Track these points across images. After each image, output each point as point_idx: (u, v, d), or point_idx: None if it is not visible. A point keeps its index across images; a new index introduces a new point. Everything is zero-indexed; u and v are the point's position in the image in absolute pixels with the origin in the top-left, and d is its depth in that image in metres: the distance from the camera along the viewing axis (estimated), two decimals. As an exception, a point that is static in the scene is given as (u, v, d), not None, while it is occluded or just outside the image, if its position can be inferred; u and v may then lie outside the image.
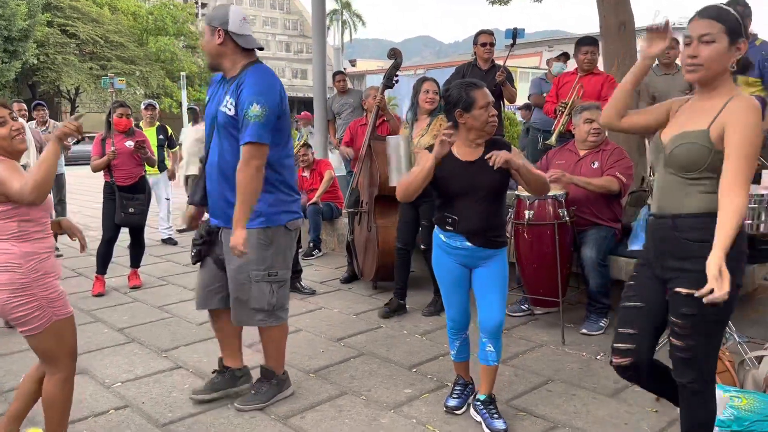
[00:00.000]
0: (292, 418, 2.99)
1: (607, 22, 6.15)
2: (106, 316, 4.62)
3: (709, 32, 2.02)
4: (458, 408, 3.00)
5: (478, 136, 2.80)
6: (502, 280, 2.84)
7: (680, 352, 2.16)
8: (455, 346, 3.03)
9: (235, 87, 2.88)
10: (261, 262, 2.97)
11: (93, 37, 31.87)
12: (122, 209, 5.24)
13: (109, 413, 3.07)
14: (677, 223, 2.12)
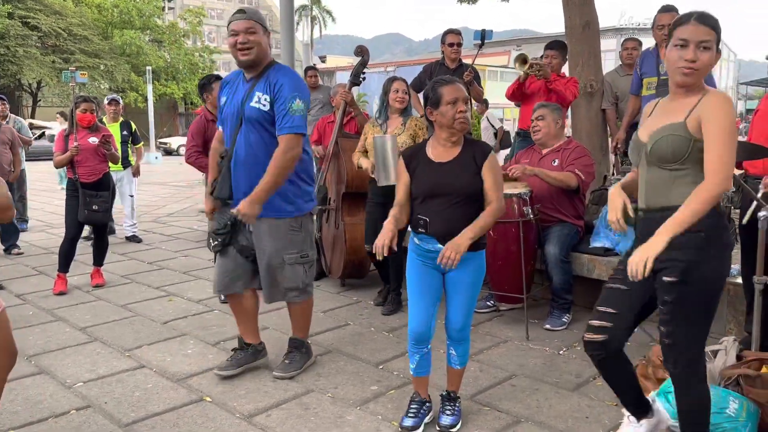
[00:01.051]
0: (257, 417, 2.98)
1: (571, 22, 6.24)
2: (68, 315, 4.53)
3: (708, 39, 2.11)
4: (414, 428, 2.81)
5: (449, 134, 2.72)
6: (471, 285, 2.76)
7: (665, 337, 2.23)
8: (415, 359, 2.84)
9: (267, 84, 3.14)
10: (294, 246, 3.31)
11: (56, 29, 31.12)
12: (86, 207, 5.14)
13: (70, 414, 3.02)
14: (666, 216, 2.13)
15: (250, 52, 3.12)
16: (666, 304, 2.19)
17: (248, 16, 3.14)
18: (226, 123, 3.30)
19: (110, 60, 32.44)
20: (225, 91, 3.33)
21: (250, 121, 3.17)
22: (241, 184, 3.21)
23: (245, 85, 3.22)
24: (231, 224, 3.26)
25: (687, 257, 2.12)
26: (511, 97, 5.56)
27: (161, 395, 3.20)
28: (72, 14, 32.35)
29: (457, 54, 5.55)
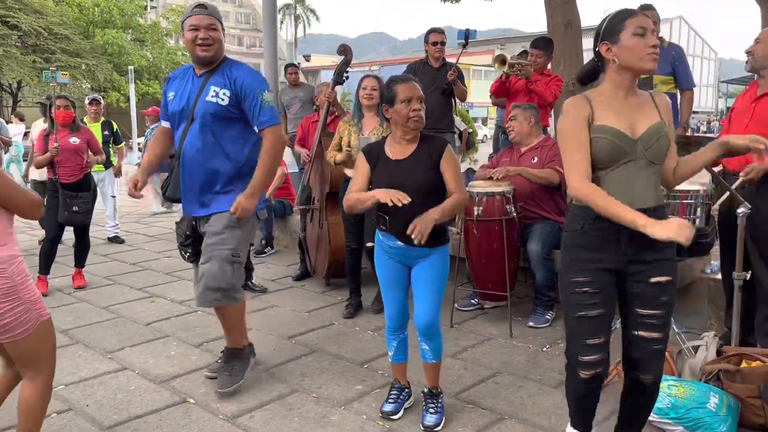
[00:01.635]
0: (241, 418, 2.96)
1: (554, 21, 6.28)
2: (49, 317, 4.48)
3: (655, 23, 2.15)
4: (394, 413, 2.92)
5: (403, 132, 2.74)
6: (435, 280, 2.76)
7: (657, 344, 2.16)
8: (392, 346, 2.96)
9: (225, 79, 3.06)
10: (228, 242, 3.11)
11: (36, 28, 30.67)
12: (66, 208, 5.07)
13: (51, 417, 2.98)
14: (657, 215, 2.06)
15: (210, 48, 3.04)
16: (664, 306, 2.15)
17: (210, 12, 3.06)
18: (174, 120, 3.19)
19: (92, 59, 32.08)
20: (173, 87, 3.20)
21: (205, 117, 3.05)
22: (194, 184, 3.11)
23: (197, 79, 3.12)
24: (191, 232, 3.20)
25: (670, 255, 2.12)
26: (495, 94, 5.58)
27: (144, 397, 3.18)
28: (52, 13, 31.93)
29: (440, 53, 5.55)
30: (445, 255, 2.80)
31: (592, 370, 2.20)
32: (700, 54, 63.31)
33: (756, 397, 2.74)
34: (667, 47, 4.71)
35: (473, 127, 15.16)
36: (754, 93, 3.29)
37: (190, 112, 3.08)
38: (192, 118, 3.07)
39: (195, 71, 3.15)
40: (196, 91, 3.08)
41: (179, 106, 3.13)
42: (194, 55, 3.07)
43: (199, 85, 3.09)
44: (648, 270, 2.13)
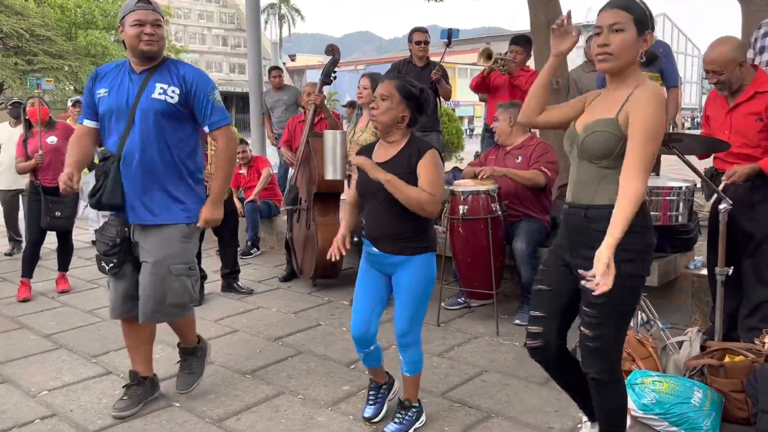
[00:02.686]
0: (227, 421, 2.95)
1: (536, 20, 6.29)
2: (32, 321, 4.44)
3: (617, 21, 2.04)
4: (375, 416, 2.87)
5: (377, 129, 2.71)
6: (411, 289, 2.64)
7: (590, 341, 2.15)
8: (361, 357, 2.84)
9: (172, 76, 2.92)
10: (183, 257, 2.98)
11: (17, 30, 30.35)
12: (48, 213, 4.97)
13: (34, 423, 2.95)
14: (589, 215, 2.15)
15: (155, 44, 2.89)
16: (594, 306, 2.11)
17: (154, 7, 2.94)
18: (108, 119, 2.94)
19: (75, 61, 31.79)
20: (104, 83, 2.96)
21: (150, 116, 2.87)
22: (137, 189, 2.91)
23: (136, 76, 2.92)
24: (121, 240, 2.97)
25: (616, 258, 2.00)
26: (475, 89, 5.60)
27: (129, 401, 3.15)
28: (34, 15, 31.60)
29: (423, 52, 5.56)
30: (425, 263, 2.66)
31: (531, 341, 2.36)
32: (684, 51, 63.87)
33: (739, 391, 2.77)
34: (654, 44, 4.74)
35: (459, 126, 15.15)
36: (725, 101, 3.30)
37: (130, 111, 2.89)
38: (132, 117, 2.89)
39: (132, 68, 2.95)
40: (136, 89, 2.89)
41: (115, 104, 2.91)
42: (138, 50, 2.88)
43: (139, 82, 2.90)
44: (585, 268, 2.05)
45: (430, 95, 2.77)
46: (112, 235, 2.99)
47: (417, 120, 2.70)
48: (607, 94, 2.20)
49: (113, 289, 3.05)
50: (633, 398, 2.79)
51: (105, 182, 2.91)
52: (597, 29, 2.09)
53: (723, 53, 3.16)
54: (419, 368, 2.79)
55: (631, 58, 2.09)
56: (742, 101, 3.21)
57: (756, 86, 3.18)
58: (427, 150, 2.62)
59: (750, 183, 3.22)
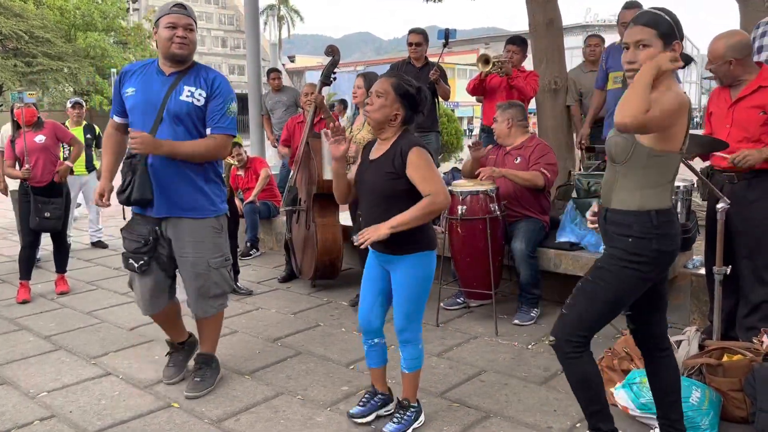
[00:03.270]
0: (226, 421, 2.95)
1: (535, 20, 6.30)
2: (31, 323, 4.44)
3: (643, 38, 2.15)
4: (358, 416, 2.87)
5: (371, 126, 2.75)
6: (406, 287, 2.67)
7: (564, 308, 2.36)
8: (365, 349, 2.90)
9: (200, 79, 3.08)
10: (218, 249, 3.21)
11: (17, 32, 30.35)
12: (37, 213, 4.91)
13: (33, 424, 2.95)
14: (608, 217, 2.33)
15: (186, 47, 3.04)
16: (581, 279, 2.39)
17: (188, 12, 3.08)
18: (135, 116, 3.08)
19: (74, 63, 31.78)
20: (132, 82, 3.10)
21: (178, 116, 3.03)
22: (168, 184, 3.06)
23: (165, 78, 3.07)
24: (153, 238, 3.10)
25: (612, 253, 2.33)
26: (472, 92, 5.61)
27: (128, 402, 3.15)
28: (33, 17, 31.60)
29: (418, 53, 5.57)
30: (420, 262, 2.66)
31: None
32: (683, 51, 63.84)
33: (738, 390, 2.77)
34: None
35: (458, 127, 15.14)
36: (728, 96, 3.31)
37: (158, 110, 3.02)
38: (161, 116, 3.02)
39: (162, 69, 3.09)
40: (165, 89, 3.03)
41: (143, 102, 3.04)
42: (169, 52, 3.03)
43: (169, 83, 3.05)
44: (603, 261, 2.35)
45: (428, 94, 2.77)
46: (144, 233, 3.11)
47: (412, 118, 2.70)
48: None
49: (141, 286, 3.20)
50: (631, 398, 2.79)
51: (134, 178, 3.03)
52: (625, 45, 2.21)
53: (716, 47, 3.22)
54: (418, 365, 2.79)
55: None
56: (746, 95, 3.20)
57: (760, 80, 3.17)
58: (409, 150, 2.58)
59: (746, 181, 3.22)
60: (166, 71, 3.09)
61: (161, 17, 3.06)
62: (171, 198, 3.07)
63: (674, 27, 2.16)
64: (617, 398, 2.87)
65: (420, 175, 2.56)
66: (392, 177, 2.59)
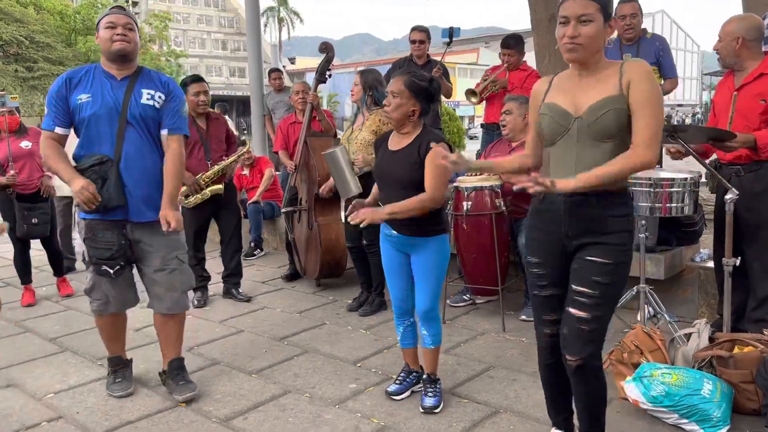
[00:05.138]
0: (234, 420, 2.94)
1: (537, 16, 6.25)
2: (36, 326, 4.43)
3: (586, 13, 2.04)
4: (397, 393, 3.07)
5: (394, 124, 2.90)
6: (431, 268, 2.86)
7: (582, 323, 2.13)
8: (399, 331, 3.09)
9: (156, 82, 3.12)
10: (182, 245, 3.26)
11: (17, 37, 30.46)
12: (24, 221, 4.81)
13: (41, 425, 2.94)
14: (599, 200, 2.11)
15: (127, 43, 3.01)
16: (597, 285, 2.11)
17: (128, 13, 3.11)
18: (94, 124, 3.01)
19: (75, 67, 31.92)
20: (84, 88, 3.02)
21: (144, 120, 3.05)
22: (137, 188, 3.05)
23: (118, 82, 3.05)
24: (124, 242, 3.07)
25: (618, 241, 2.11)
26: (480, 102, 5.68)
27: (135, 403, 3.14)
28: (34, 22, 31.71)
29: (420, 51, 5.56)
30: (442, 244, 2.87)
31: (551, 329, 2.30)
32: (683, 47, 63.83)
33: (749, 382, 2.75)
34: (650, 38, 4.74)
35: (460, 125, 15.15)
36: (732, 84, 3.29)
37: (121, 115, 3.01)
38: (124, 121, 3.01)
39: (112, 74, 3.06)
40: (121, 94, 3.02)
41: (103, 109, 3.00)
42: (111, 50, 3.01)
43: (123, 87, 3.04)
44: (588, 249, 2.14)
45: (440, 83, 2.86)
46: (112, 239, 3.05)
47: (429, 110, 2.88)
48: (585, 82, 2.15)
49: (111, 288, 3.18)
50: (642, 391, 2.77)
51: (107, 185, 2.98)
52: (563, 18, 2.07)
53: (727, 24, 3.23)
54: (440, 341, 3.00)
55: (599, 47, 2.10)
56: (748, 82, 3.19)
57: (762, 68, 3.16)
58: (438, 142, 2.76)
59: (753, 174, 3.20)
60: (117, 75, 3.06)
61: (100, 20, 3.06)
62: (144, 202, 3.07)
63: (611, 3, 2.12)
64: (628, 392, 2.84)
65: (432, 172, 2.75)
66: (419, 167, 2.78)
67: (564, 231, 2.19)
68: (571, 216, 2.16)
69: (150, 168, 3.09)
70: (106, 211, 3.01)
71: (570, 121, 2.15)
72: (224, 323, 4.36)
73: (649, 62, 4.58)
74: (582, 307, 2.13)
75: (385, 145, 2.95)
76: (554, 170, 2.21)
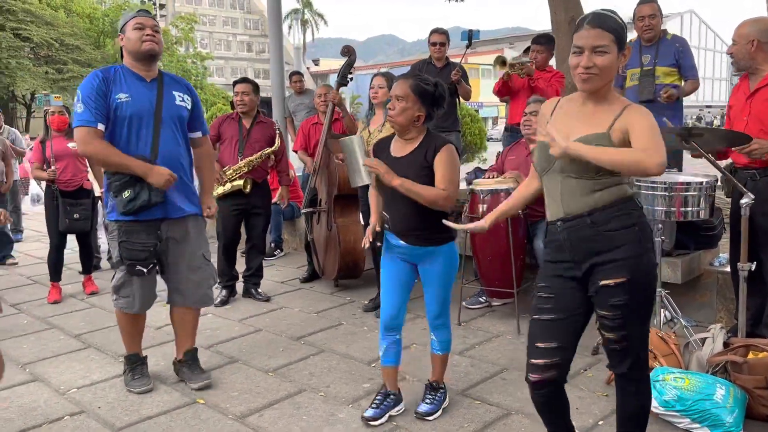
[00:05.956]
0: (250, 417, 3.00)
1: (557, 18, 6.28)
2: (62, 322, 4.55)
3: (602, 44, 1.98)
4: (372, 419, 2.86)
5: (395, 129, 2.80)
6: (440, 275, 2.82)
7: (615, 344, 2.13)
8: (382, 347, 2.93)
9: (181, 86, 3.29)
10: (206, 243, 3.42)
11: (48, 40, 31.13)
12: (66, 215, 5.05)
13: (63, 419, 3.04)
14: (595, 219, 2.06)
15: (156, 45, 3.11)
16: (615, 308, 2.07)
17: (152, 16, 3.22)
18: (132, 124, 3.07)
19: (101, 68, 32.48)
20: (122, 87, 3.07)
21: (176, 121, 3.20)
22: (173, 187, 3.15)
23: (148, 83, 3.14)
24: (158, 243, 3.18)
25: (628, 254, 2.04)
26: (498, 93, 5.60)
27: (154, 399, 3.22)
28: (64, 24, 32.35)
29: (440, 53, 5.57)
30: (450, 251, 2.84)
31: (542, 374, 2.17)
32: (713, 47, 62.81)
33: (763, 388, 2.74)
34: (670, 39, 4.71)
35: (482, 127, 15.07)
36: (747, 88, 3.27)
37: (155, 116, 3.11)
38: (159, 122, 3.12)
39: (141, 75, 3.13)
40: (153, 95, 3.13)
41: (140, 109, 3.08)
42: (141, 50, 3.08)
43: (154, 89, 3.15)
44: (599, 272, 2.08)
45: (445, 87, 2.81)
46: (149, 241, 3.16)
47: (433, 115, 2.77)
48: (582, 107, 2.12)
49: (140, 287, 3.25)
50: (654, 395, 2.77)
51: (146, 184, 3.06)
52: (578, 48, 2.01)
53: (741, 27, 3.21)
54: (449, 348, 2.98)
55: (612, 76, 2.06)
56: (763, 85, 3.16)
57: None
58: (443, 145, 2.71)
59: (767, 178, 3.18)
60: (146, 77, 3.15)
61: (126, 22, 3.13)
62: (177, 196, 3.21)
63: (625, 30, 2.06)
64: (640, 396, 2.84)
65: (443, 172, 2.68)
66: (427, 172, 2.69)
67: (570, 258, 2.13)
68: (572, 240, 2.11)
69: (183, 165, 3.24)
70: (146, 210, 3.08)
71: (551, 158, 2.09)
72: (243, 322, 4.43)
73: (668, 63, 4.62)
74: (609, 330, 2.13)
75: (387, 151, 2.83)
76: (546, 198, 2.19)
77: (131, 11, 3.42)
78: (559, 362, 2.17)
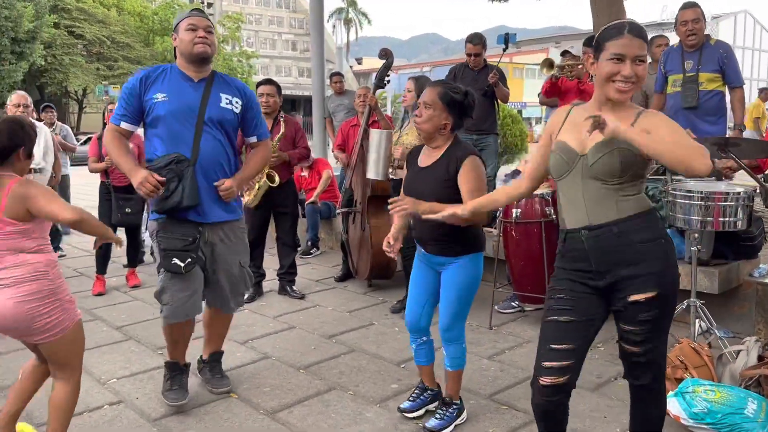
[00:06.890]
0: (280, 413, 3.07)
1: (599, 21, 6.20)
2: (105, 314, 4.72)
3: (643, 53, 2.02)
4: (409, 411, 2.97)
5: (423, 137, 2.79)
6: (455, 288, 2.74)
7: (639, 357, 2.12)
8: (412, 347, 2.98)
9: (232, 88, 3.15)
10: (247, 250, 3.37)
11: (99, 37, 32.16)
12: (119, 210, 5.29)
13: (103, 408, 3.17)
14: (621, 228, 2.04)
15: (207, 46, 3.02)
16: (644, 323, 2.06)
17: (207, 16, 3.14)
18: (170, 123, 3.00)
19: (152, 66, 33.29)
20: (160, 87, 3.03)
21: (219, 123, 3.07)
22: (209, 190, 3.06)
23: (195, 84, 3.06)
24: (198, 237, 3.04)
25: (656, 268, 2.03)
26: (546, 95, 5.58)
27: (189, 391, 3.32)
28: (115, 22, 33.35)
29: (475, 64, 5.60)
30: (470, 264, 2.74)
31: (554, 378, 2.11)
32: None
33: (797, 404, 2.68)
34: (714, 45, 4.61)
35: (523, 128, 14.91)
36: None
37: (198, 117, 3.02)
38: (202, 123, 3.02)
39: (189, 76, 3.07)
40: (198, 96, 3.03)
41: (180, 109, 3.00)
42: (192, 52, 3.01)
43: (201, 90, 3.05)
44: (627, 287, 2.05)
45: (475, 96, 2.78)
46: (188, 231, 3.02)
47: (461, 124, 2.76)
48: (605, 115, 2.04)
49: (181, 290, 3.06)
50: (683, 407, 2.74)
51: (181, 185, 2.95)
52: (618, 56, 2.00)
53: None
54: (462, 364, 2.88)
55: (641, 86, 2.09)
56: None
57: None
58: (466, 158, 2.66)
59: None
60: (194, 77, 3.07)
61: (180, 22, 3.07)
62: (214, 200, 3.08)
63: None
64: (669, 407, 2.81)
65: (468, 187, 2.63)
66: (449, 184, 2.66)
67: (594, 268, 2.10)
68: (597, 250, 2.08)
69: (224, 170, 3.11)
70: (177, 211, 2.99)
71: (575, 159, 2.10)
72: (277, 319, 4.53)
73: (712, 70, 4.53)
74: (634, 344, 2.12)
75: (414, 160, 2.84)
76: (565, 205, 2.17)
77: (183, 10, 3.40)
78: (573, 366, 2.12)
